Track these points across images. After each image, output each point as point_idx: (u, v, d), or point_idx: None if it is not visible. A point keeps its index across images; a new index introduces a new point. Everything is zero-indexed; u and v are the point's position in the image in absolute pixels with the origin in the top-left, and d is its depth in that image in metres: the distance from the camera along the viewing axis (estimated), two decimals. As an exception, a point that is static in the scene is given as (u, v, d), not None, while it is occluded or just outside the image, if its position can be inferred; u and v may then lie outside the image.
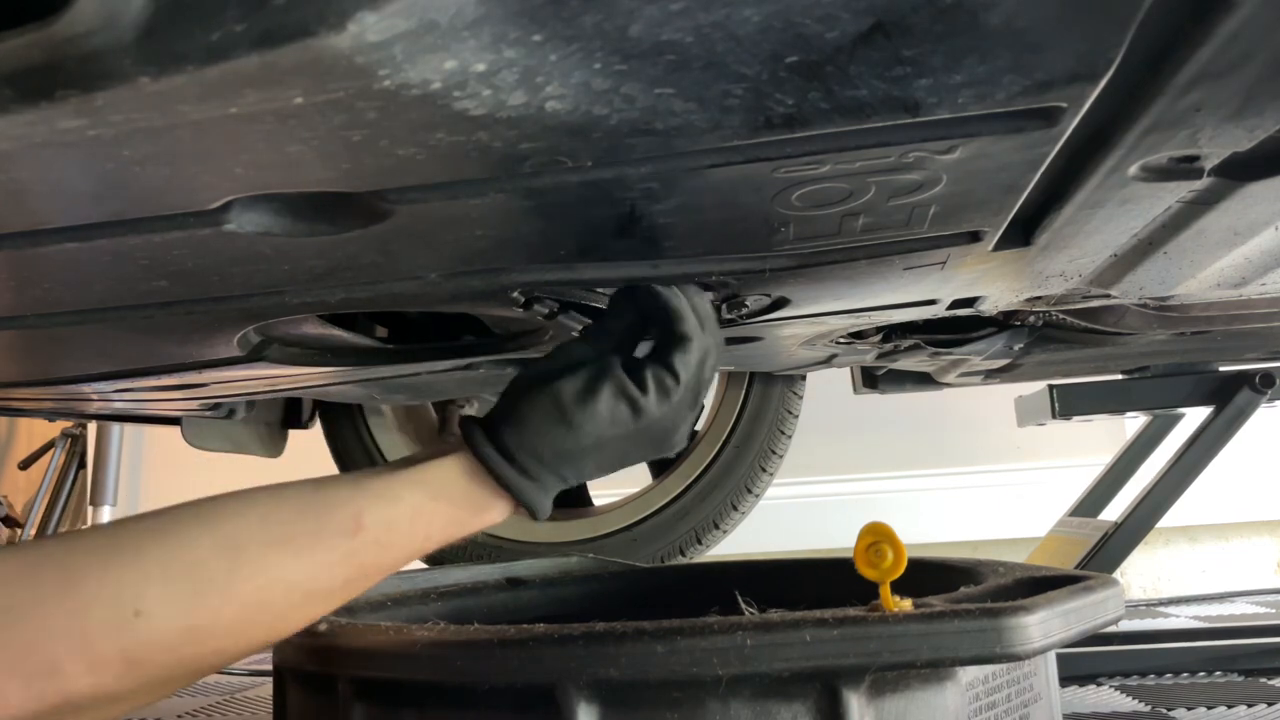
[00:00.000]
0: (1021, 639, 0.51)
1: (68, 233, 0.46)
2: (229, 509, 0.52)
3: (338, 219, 0.46)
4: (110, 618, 0.46)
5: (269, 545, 0.51)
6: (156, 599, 0.47)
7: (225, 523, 0.51)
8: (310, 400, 1.51)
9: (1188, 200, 0.57)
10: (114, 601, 0.46)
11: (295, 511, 0.53)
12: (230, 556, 0.50)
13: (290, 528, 0.52)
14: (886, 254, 0.61)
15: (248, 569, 0.50)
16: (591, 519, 1.60)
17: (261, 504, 0.52)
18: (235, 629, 0.50)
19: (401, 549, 0.56)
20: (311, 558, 0.52)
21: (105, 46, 0.28)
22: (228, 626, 0.50)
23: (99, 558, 0.48)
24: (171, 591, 0.48)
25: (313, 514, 0.53)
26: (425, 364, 0.89)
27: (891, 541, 0.58)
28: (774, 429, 1.54)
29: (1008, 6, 0.32)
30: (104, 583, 0.47)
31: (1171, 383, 1.39)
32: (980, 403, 2.27)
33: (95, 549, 0.48)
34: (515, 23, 0.30)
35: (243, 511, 0.52)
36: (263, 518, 0.51)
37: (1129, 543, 1.33)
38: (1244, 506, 2.24)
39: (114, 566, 0.47)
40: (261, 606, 0.50)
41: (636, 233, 0.53)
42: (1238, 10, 0.35)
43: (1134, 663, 1.26)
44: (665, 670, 0.51)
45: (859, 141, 0.42)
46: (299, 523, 0.52)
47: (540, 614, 0.99)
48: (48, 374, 0.84)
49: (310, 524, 0.52)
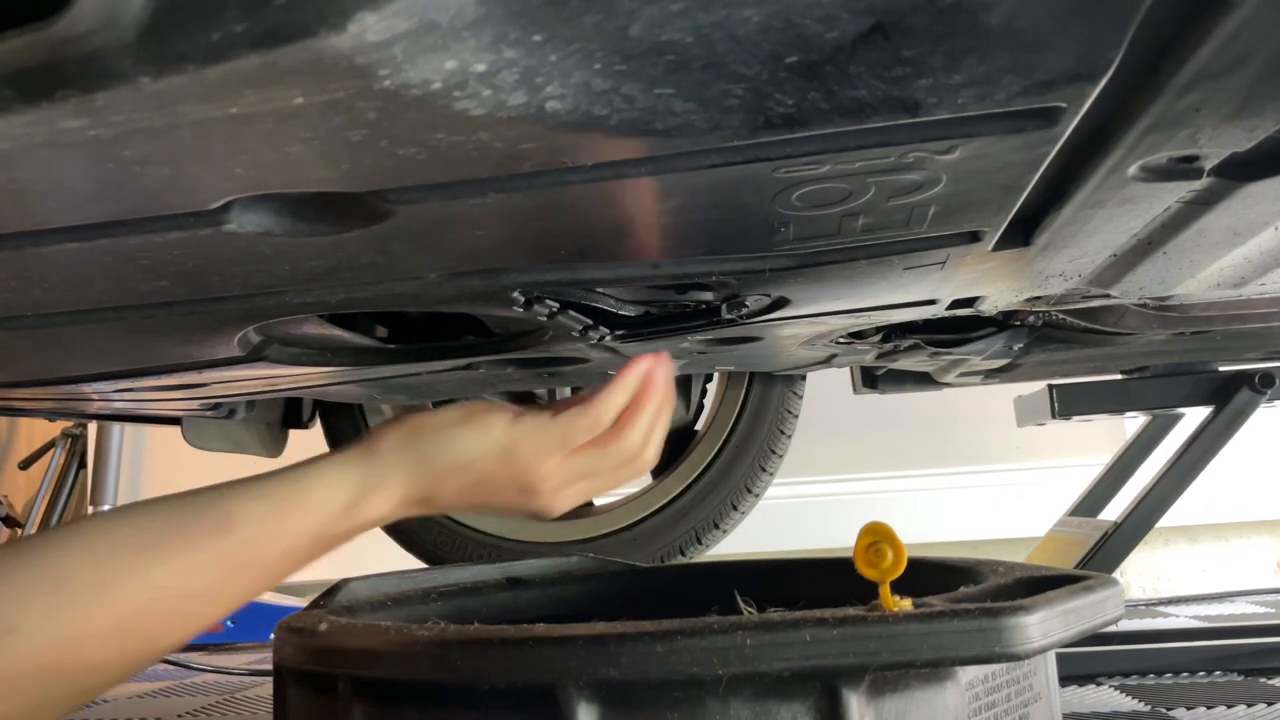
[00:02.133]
0: (1021, 639, 0.51)
1: (68, 233, 0.46)
2: (102, 524, 0.53)
3: (338, 219, 0.46)
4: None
5: (139, 552, 0.51)
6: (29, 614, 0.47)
7: (98, 537, 0.51)
8: (310, 400, 1.51)
9: (1187, 200, 0.57)
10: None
11: (165, 519, 0.53)
12: (102, 566, 0.50)
13: (160, 534, 0.52)
14: (886, 254, 0.61)
15: (117, 576, 0.50)
16: (591, 519, 1.60)
17: (134, 516, 0.54)
18: (112, 639, 0.50)
19: (273, 545, 0.56)
20: (182, 559, 0.52)
21: (105, 46, 0.28)
22: (104, 636, 0.49)
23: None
24: (44, 605, 0.48)
25: (181, 518, 0.54)
26: (425, 364, 0.89)
27: (891, 541, 0.58)
28: (774, 429, 1.54)
29: (1008, 6, 0.32)
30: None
31: (1171, 383, 1.39)
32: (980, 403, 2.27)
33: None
34: (515, 23, 0.30)
35: (115, 525, 0.53)
36: (135, 527, 0.52)
37: (1129, 543, 1.33)
38: (1244, 506, 2.25)
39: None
40: (137, 613, 0.51)
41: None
42: (1238, 10, 0.35)
43: (1134, 663, 1.26)
44: (665, 670, 0.51)
45: (859, 141, 0.42)
46: (168, 528, 0.53)
47: (540, 614, 0.99)
48: (48, 374, 0.84)
49: (179, 527, 0.53)
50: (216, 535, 0.54)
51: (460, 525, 1.58)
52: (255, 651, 1.96)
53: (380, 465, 0.61)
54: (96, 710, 1.41)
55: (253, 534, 0.55)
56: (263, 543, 0.55)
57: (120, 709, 1.42)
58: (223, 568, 0.54)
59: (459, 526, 1.58)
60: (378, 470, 0.61)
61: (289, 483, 0.58)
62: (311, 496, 0.58)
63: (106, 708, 1.43)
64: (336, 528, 0.59)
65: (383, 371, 0.93)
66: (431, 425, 0.62)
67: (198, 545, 0.53)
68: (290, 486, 0.57)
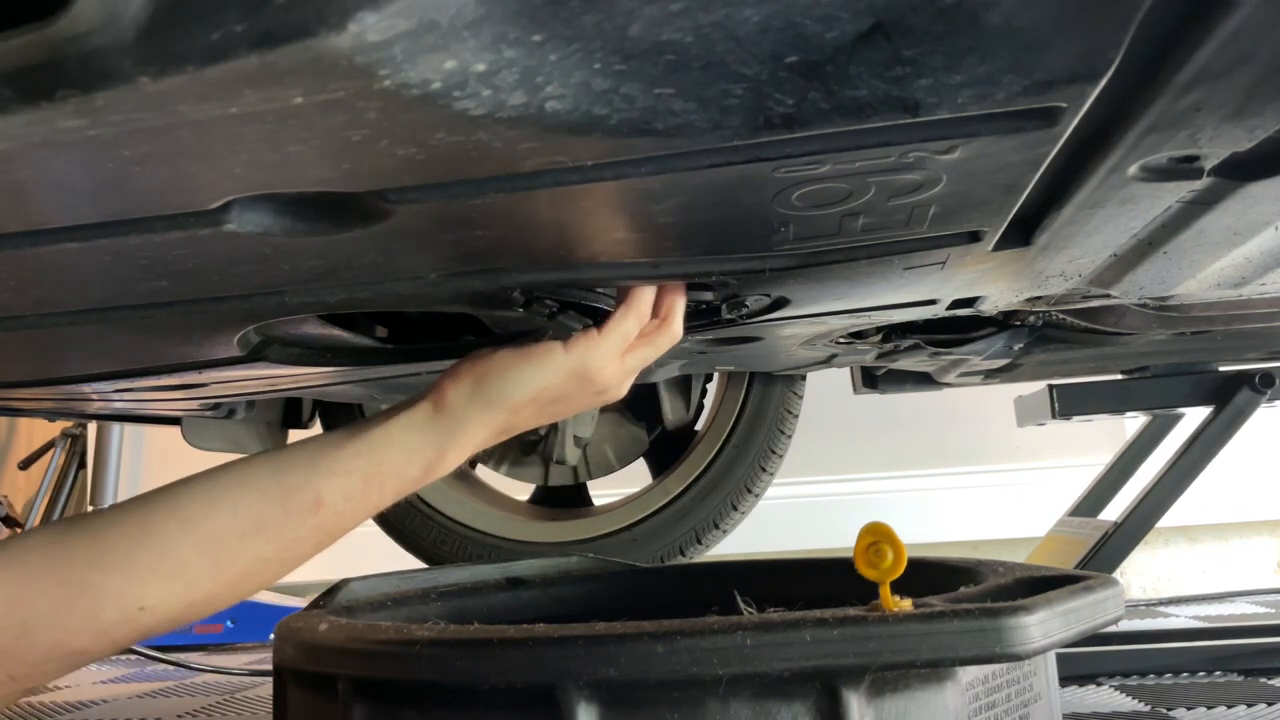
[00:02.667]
0: (1021, 639, 0.51)
1: (68, 233, 0.46)
2: (199, 504, 0.58)
3: (338, 219, 0.46)
4: (120, 615, 0.54)
5: (244, 536, 0.58)
6: (155, 596, 0.55)
7: (201, 521, 0.57)
8: (310, 400, 1.51)
9: (1188, 200, 0.57)
10: (119, 602, 0.54)
11: (261, 499, 0.59)
12: (212, 552, 0.57)
13: (260, 518, 0.59)
14: (886, 254, 0.61)
15: (229, 558, 0.57)
16: (591, 519, 1.60)
17: (229, 495, 0.59)
18: (228, 598, 0.59)
19: (359, 512, 0.62)
20: (281, 537, 0.59)
21: (105, 46, 0.28)
22: (222, 601, 0.58)
23: (97, 569, 0.54)
24: (167, 588, 0.56)
25: (278, 499, 0.59)
26: (425, 364, 0.89)
27: (891, 541, 0.58)
28: (774, 429, 1.54)
29: (1008, 6, 0.32)
30: (106, 589, 0.54)
31: (1171, 383, 1.39)
32: (980, 403, 2.27)
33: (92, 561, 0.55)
34: (515, 23, 0.30)
35: (214, 506, 0.58)
36: (232, 511, 0.58)
37: (1129, 543, 1.33)
38: (1244, 506, 2.25)
39: (112, 575, 0.55)
40: (245, 579, 0.59)
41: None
42: (1238, 10, 0.35)
43: (1134, 663, 1.26)
44: (665, 670, 0.51)
45: (859, 141, 0.42)
46: (266, 510, 0.59)
47: (540, 614, 0.99)
48: (48, 374, 0.84)
49: (276, 509, 0.59)
50: (311, 514, 0.60)
51: (460, 525, 1.58)
52: (255, 651, 1.96)
53: (452, 421, 0.64)
54: (96, 710, 1.41)
55: (342, 508, 0.61)
56: (351, 514, 0.62)
57: (120, 709, 1.42)
58: (317, 538, 0.61)
59: (459, 526, 1.58)
60: (450, 427, 0.64)
61: (369, 452, 0.62)
62: (392, 467, 0.62)
63: (106, 708, 1.43)
64: (419, 484, 0.65)
65: (383, 371, 0.93)
66: (495, 368, 0.64)
67: (295, 524, 0.59)
68: (371, 458, 0.62)
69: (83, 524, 0.57)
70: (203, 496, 0.58)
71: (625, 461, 1.67)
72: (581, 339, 0.65)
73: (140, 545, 0.56)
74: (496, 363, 0.64)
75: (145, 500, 0.59)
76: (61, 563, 0.54)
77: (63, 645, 0.54)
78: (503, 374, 0.64)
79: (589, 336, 0.65)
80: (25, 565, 0.54)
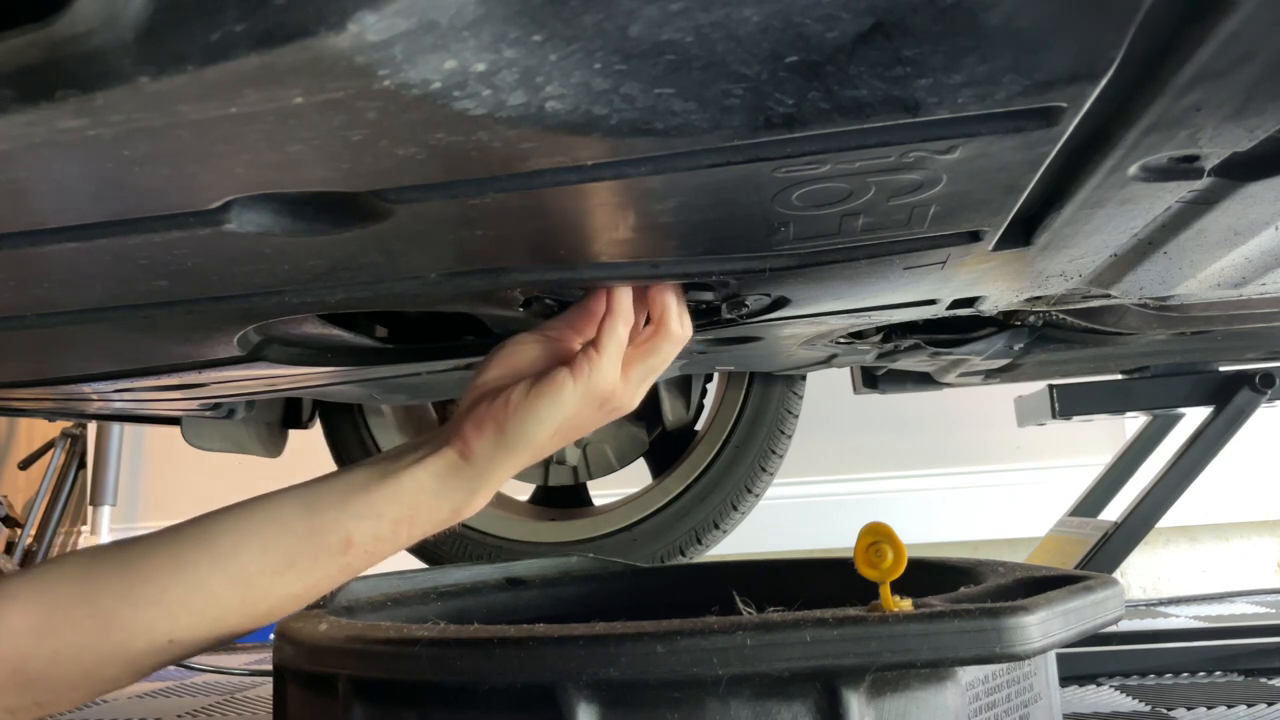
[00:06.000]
0: (1021, 639, 0.51)
1: (68, 233, 0.46)
2: (230, 540, 0.60)
3: (338, 219, 0.46)
4: (149, 647, 0.57)
5: (274, 574, 0.60)
6: (185, 629, 0.57)
7: (231, 558, 0.59)
8: (310, 400, 1.51)
9: (1188, 200, 0.57)
10: (149, 636, 0.56)
11: (292, 540, 0.61)
12: (242, 589, 0.59)
13: (290, 557, 0.60)
14: (886, 254, 0.61)
15: (259, 595, 0.60)
16: (591, 519, 1.60)
17: (260, 533, 0.60)
18: (254, 629, 0.61)
19: (386, 552, 0.64)
20: (311, 575, 0.61)
21: (105, 46, 0.28)
22: (247, 630, 0.61)
23: (128, 603, 0.56)
24: (197, 622, 0.58)
25: (308, 540, 0.61)
26: (425, 364, 0.89)
27: (891, 541, 0.58)
28: (774, 429, 1.54)
29: (1008, 6, 0.32)
30: (137, 623, 0.56)
31: (1171, 383, 1.39)
32: (980, 403, 2.27)
33: (123, 594, 0.56)
34: (515, 23, 0.30)
35: (244, 543, 0.60)
36: (263, 549, 0.60)
37: (1129, 543, 1.33)
38: (1244, 506, 2.24)
39: (144, 609, 0.56)
40: (273, 614, 0.61)
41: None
42: (1238, 10, 0.35)
43: (1134, 663, 1.26)
44: (665, 670, 0.51)
45: (859, 141, 0.42)
46: (297, 550, 0.61)
47: (540, 614, 0.99)
48: (48, 374, 0.84)
49: (307, 550, 0.61)
50: (341, 554, 0.62)
51: (460, 525, 1.58)
52: (255, 651, 1.96)
53: (481, 468, 0.65)
54: (96, 710, 1.41)
55: (372, 549, 0.63)
56: (380, 552, 0.64)
57: (120, 709, 1.42)
58: (345, 576, 0.63)
59: (459, 526, 1.58)
60: (479, 474, 0.65)
61: (399, 498, 0.63)
62: (423, 512, 0.64)
63: (106, 708, 1.43)
64: (447, 525, 0.66)
65: (383, 371, 0.93)
66: (514, 413, 0.64)
67: (325, 563, 0.61)
68: (401, 503, 0.63)
69: (113, 555, 0.59)
70: (234, 532, 0.60)
71: (625, 461, 1.67)
72: (583, 361, 0.65)
73: (172, 580, 0.57)
74: (514, 407, 0.64)
75: (176, 533, 0.60)
76: (93, 595, 0.56)
77: (91, 675, 0.56)
78: (523, 417, 0.64)
79: (588, 356, 0.65)
80: (56, 595, 0.56)
